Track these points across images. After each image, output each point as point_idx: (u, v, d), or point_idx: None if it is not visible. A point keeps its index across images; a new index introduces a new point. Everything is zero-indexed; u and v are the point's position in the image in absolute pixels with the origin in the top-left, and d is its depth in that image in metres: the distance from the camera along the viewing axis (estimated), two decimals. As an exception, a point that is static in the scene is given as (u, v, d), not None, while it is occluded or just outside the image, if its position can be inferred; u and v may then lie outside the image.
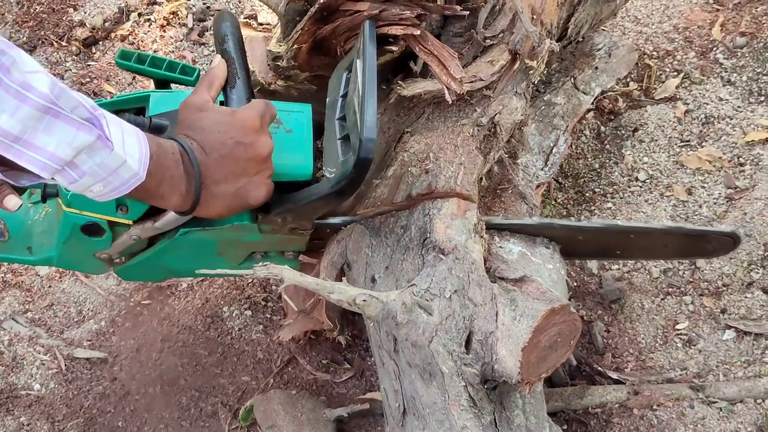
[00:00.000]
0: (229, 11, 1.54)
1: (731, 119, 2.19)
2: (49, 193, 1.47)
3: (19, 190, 1.30)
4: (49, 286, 2.20)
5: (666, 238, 1.66)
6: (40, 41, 2.67)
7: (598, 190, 2.17)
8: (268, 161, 1.29)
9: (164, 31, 2.64)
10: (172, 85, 1.55)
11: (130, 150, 1.08)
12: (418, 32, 1.47)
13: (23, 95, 0.95)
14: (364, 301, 1.26)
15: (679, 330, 1.91)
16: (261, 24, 1.83)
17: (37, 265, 2.00)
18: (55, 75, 2.58)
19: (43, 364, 2.06)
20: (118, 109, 1.42)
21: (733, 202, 2.06)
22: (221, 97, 1.38)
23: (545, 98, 1.87)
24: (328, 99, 1.50)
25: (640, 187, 2.15)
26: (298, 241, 1.53)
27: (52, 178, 1.04)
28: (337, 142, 1.39)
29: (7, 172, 1.07)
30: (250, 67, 1.68)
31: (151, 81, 1.56)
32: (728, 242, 1.65)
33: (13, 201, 1.26)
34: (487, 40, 1.57)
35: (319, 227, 1.56)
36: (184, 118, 1.27)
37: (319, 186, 1.38)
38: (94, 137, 1.02)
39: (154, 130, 1.31)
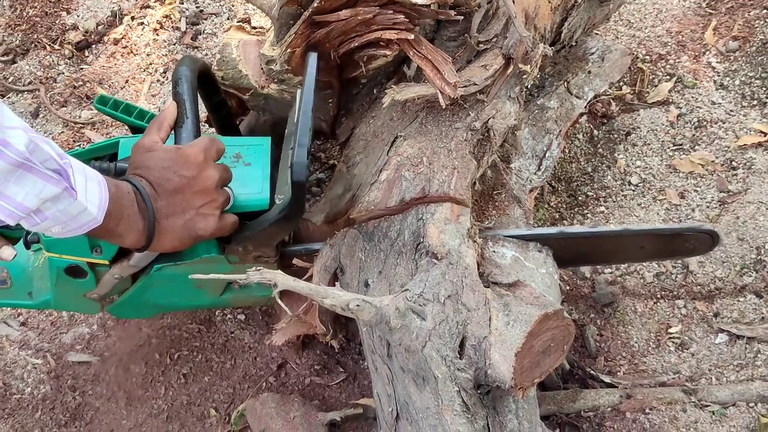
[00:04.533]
0: (191, 56, 1.63)
1: (724, 123, 2.20)
2: (31, 240, 1.58)
3: (14, 239, 1.36)
4: (41, 290, 2.19)
5: (640, 240, 1.67)
6: (33, 44, 2.66)
7: (591, 193, 2.17)
8: (213, 193, 1.36)
9: (157, 35, 2.64)
10: None
11: (91, 197, 1.15)
12: (412, 36, 1.47)
13: (0, 151, 1.01)
14: (358, 306, 1.26)
15: (671, 334, 1.92)
16: (254, 27, 1.82)
17: (37, 309, 2.04)
18: (48, 78, 2.58)
19: (35, 368, 2.06)
20: (92, 157, 1.53)
21: (726, 205, 2.06)
22: (173, 138, 1.45)
23: (538, 102, 1.87)
24: (286, 131, 1.57)
25: (633, 190, 2.15)
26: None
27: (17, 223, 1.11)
28: (287, 171, 1.44)
29: None
30: (243, 70, 1.69)
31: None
32: (707, 239, 1.65)
33: (6, 252, 1.38)
34: (481, 45, 1.57)
35: (289, 255, 1.63)
36: (135, 159, 1.35)
37: (269, 213, 1.45)
38: (60, 189, 1.10)
39: (119, 174, 1.40)
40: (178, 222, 1.33)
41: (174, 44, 2.62)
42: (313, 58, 1.43)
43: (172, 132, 1.44)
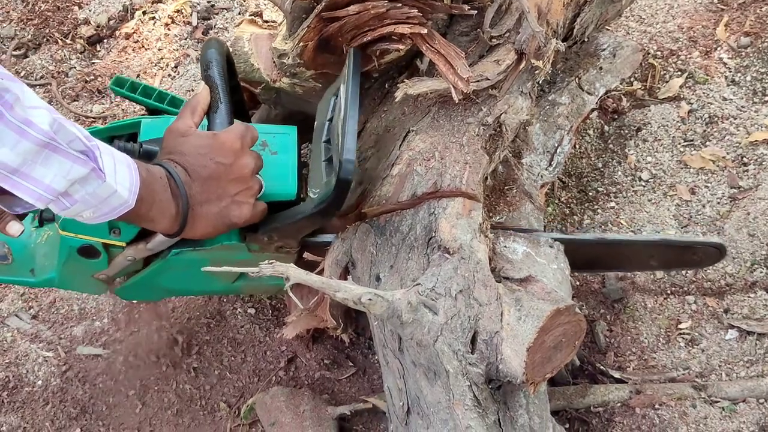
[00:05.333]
0: (216, 38, 1.60)
1: (735, 119, 2.19)
2: (46, 217, 1.56)
3: (21, 215, 1.35)
4: (52, 284, 2.20)
5: (651, 250, 1.68)
6: (45, 39, 2.67)
7: (602, 189, 2.17)
8: (249, 181, 1.35)
9: (168, 29, 2.64)
10: None
11: (121, 179, 1.13)
12: (425, 31, 1.47)
13: (24, 131, 1.00)
14: (370, 299, 1.26)
15: (681, 329, 1.92)
16: (266, 21, 1.83)
17: (39, 287, 2.04)
18: (59, 73, 2.58)
19: (46, 361, 2.07)
20: (112, 135, 1.50)
21: (737, 201, 2.06)
22: (206, 122, 1.43)
23: (550, 98, 1.86)
24: (315, 123, 1.56)
25: (644, 186, 2.15)
26: (285, 260, 1.56)
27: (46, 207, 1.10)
28: (321, 164, 1.45)
29: (1, 198, 1.11)
30: (255, 64, 1.69)
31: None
32: (714, 253, 1.66)
33: (15, 227, 1.33)
34: (494, 40, 1.57)
35: (308, 245, 1.62)
36: (168, 143, 1.33)
37: (303, 206, 1.45)
38: (88, 170, 1.07)
39: (145, 156, 1.39)
40: (213, 209, 1.32)
41: (185, 39, 2.62)
42: (356, 54, 1.44)
43: (205, 117, 1.43)
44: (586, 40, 1.95)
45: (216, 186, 1.31)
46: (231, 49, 1.73)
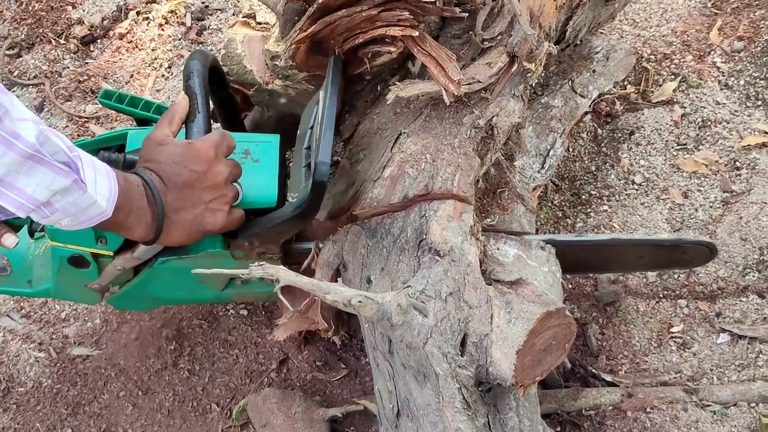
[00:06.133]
0: (201, 50, 1.65)
1: (728, 123, 2.20)
2: (35, 228, 1.60)
3: (17, 227, 1.37)
4: (45, 283, 2.20)
5: (640, 250, 1.68)
6: (39, 39, 2.67)
7: (594, 192, 2.17)
8: (223, 189, 1.37)
9: (162, 30, 2.64)
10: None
11: (101, 190, 1.16)
12: (417, 33, 1.47)
13: (11, 143, 1.02)
14: (360, 302, 1.26)
15: (673, 333, 1.92)
16: (259, 23, 1.83)
17: (37, 297, 2.06)
18: (53, 72, 2.58)
19: (37, 361, 2.06)
20: (100, 147, 1.53)
21: (729, 205, 2.06)
22: (184, 132, 1.46)
23: (543, 101, 1.87)
24: (299, 131, 1.58)
25: (636, 190, 2.15)
26: None
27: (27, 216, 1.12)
28: (302, 170, 1.46)
29: None
30: (248, 66, 1.69)
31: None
32: (705, 252, 1.66)
33: (10, 239, 1.36)
34: (486, 42, 1.57)
35: (291, 253, 1.64)
36: (145, 152, 1.36)
37: (281, 210, 1.46)
38: (70, 181, 1.10)
39: (128, 166, 1.42)
40: (188, 216, 1.34)
41: (179, 39, 2.62)
42: (336, 61, 1.47)
43: (183, 126, 1.45)
44: (579, 43, 1.95)
45: (190, 193, 1.33)
46: (224, 51, 1.73)
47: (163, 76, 2.54)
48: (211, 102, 1.68)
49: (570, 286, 2.01)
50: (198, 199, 1.34)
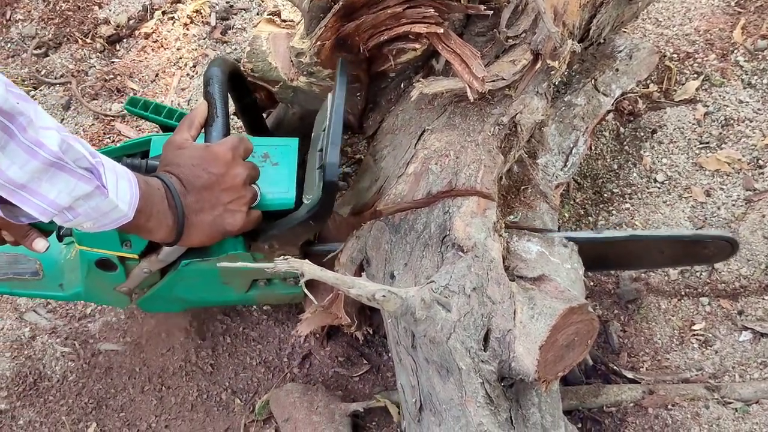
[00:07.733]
0: (223, 57, 1.69)
1: (751, 122, 2.19)
2: (64, 233, 1.61)
3: (47, 232, 1.40)
4: (71, 279, 2.22)
5: (660, 245, 1.68)
6: (66, 38, 2.70)
7: (617, 190, 2.17)
8: (241, 190, 1.40)
9: (187, 30, 2.66)
10: None
11: (122, 194, 1.18)
12: (441, 30, 1.48)
13: (34, 151, 1.05)
14: (384, 296, 1.27)
15: (695, 331, 1.92)
16: (284, 21, 1.84)
17: (69, 300, 2.12)
18: (79, 72, 2.61)
19: (63, 356, 2.09)
20: (125, 153, 1.58)
21: (752, 204, 2.05)
22: (204, 136, 1.49)
23: (565, 99, 1.87)
24: (312, 134, 1.60)
25: (659, 188, 2.15)
26: None
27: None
28: (315, 172, 1.48)
29: (5, 208, 1.15)
30: (273, 63, 1.70)
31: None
32: (726, 246, 1.66)
33: (41, 243, 1.39)
34: (510, 40, 1.58)
35: (312, 253, 1.67)
36: (166, 156, 1.39)
37: (297, 212, 1.49)
38: (92, 187, 1.13)
39: (150, 171, 1.45)
40: (207, 218, 1.37)
41: (204, 39, 2.64)
42: (343, 64, 1.48)
43: (203, 130, 1.48)
44: (602, 41, 1.95)
45: (209, 195, 1.36)
46: (249, 48, 1.75)
47: (188, 75, 2.56)
48: (235, 108, 1.72)
49: (591, 283, 2.01)
50: (217, 200, 1.37)
